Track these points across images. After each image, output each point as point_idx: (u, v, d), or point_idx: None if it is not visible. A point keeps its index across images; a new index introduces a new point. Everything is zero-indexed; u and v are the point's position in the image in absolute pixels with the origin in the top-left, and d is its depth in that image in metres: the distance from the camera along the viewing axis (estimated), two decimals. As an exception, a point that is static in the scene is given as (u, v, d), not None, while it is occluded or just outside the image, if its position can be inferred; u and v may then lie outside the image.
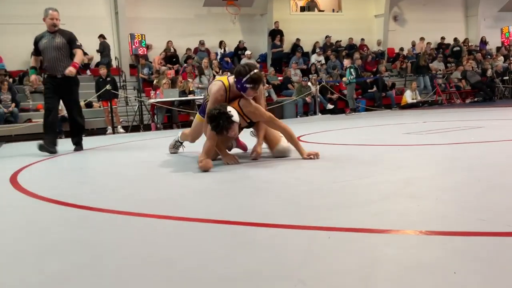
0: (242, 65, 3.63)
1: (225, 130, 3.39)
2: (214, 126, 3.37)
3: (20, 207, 2.56)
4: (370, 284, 1.19)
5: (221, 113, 3.34)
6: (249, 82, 3.49)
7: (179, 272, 1.38)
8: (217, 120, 3.34)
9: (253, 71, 3.49)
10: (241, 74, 3.51)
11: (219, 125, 3.34)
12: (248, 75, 3.48)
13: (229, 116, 3.37)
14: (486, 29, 18.46)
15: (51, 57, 5.61)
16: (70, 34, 5.85)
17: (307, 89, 12.15)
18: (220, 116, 3.34)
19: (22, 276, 1.44)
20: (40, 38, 5.74)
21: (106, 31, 12.99)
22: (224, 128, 3.37)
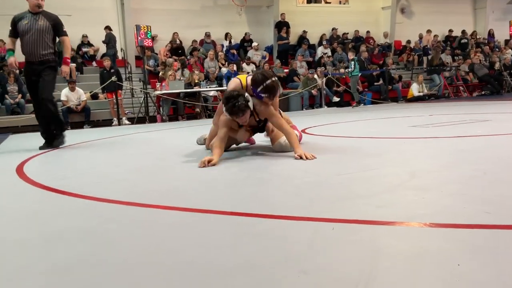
0: (258, 73, 3.56)
1: (240, 112, 3.35)
2: (230, 106, 3.34)
3: (26, 197, 2.58)
4: (373, 276, 1.19)
5: (240, 95, 3.35)
6: (263, 92, 3.46)
7: (183, 262, 1.38)
8: (235, 100, 3.32)
9: (268, 80, 3.44)
10: (256, 83, 3.47)
11: (235, 106, 3.32)
12: (262, 85, 3.44)
13: (247, 99, 3.36)
14: (494, 21, 18.29)
15: (30, 40, 5.04)
16: (56, 18, 5.26)
17: (313, 82, 12.11)
18: (238, 97, 3.33)
19: (28, 264, 1.45)
20: (19, 19, 5.08)
21: (112, 22, 12.98)
22: (239, 109, 3.33)
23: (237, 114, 3.37)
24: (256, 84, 3.47)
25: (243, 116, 3.41)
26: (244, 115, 3.41)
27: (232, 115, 3.39)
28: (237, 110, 3.34)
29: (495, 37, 17.97)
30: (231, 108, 3.34)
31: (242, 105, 3.34)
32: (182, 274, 1.29)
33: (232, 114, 3.38)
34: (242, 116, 3.40)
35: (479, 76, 14.18)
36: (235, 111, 3.35)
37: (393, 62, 14.51)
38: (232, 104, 3.33)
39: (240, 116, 3.40)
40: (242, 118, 3.44)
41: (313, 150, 3.71)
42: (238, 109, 3.34)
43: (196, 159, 3.58)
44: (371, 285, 1.14)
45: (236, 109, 3.34)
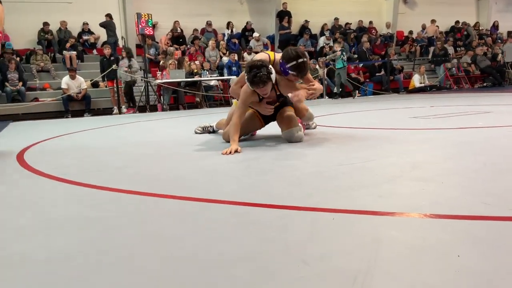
0: (292, 49, 3.51)
1: (261, 83, 3.33)
2: (252, 76, 3.32)
3: (26, 185, 2.58)
4: (373, 266, 1.19)
5: (263, 66, 3.34)
6: (293, 69, 3.43)
7: (183, 250, 1.39)
8: (258, 70, 3.30)
9: (301, 59, 3.41)
10: (289, 59, 3.43)
11: (256, 76, 3.30)
12: (294, 61, 3.40)
13: (270, 71, 3.35)
14: (497, 13, 18.18)
15: None
16: None
17: (314, 72, 12.06)
18: (261, 67, 3.32)
19: (27, 252, 1.45)
20: None
21: (113, 10, 12.91)
22: (261, 80, 3.31)
23: (258, 84, 3.35)
24: (288, 59, 3.42)
25: (264, 88, 3.39)
26: (265, 86, 3.38)
27: (253, 84, 3.38)
28: (259, 81, 3.32)
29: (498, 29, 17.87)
30: (253, 77, 3.33)
31: (264, 76, 3.31)
32: (182, 263, 1.30)
33: (253, 84, 3.37)
34: (263, 87, 3.38)
35: (481, 68, 14.13)
36: (256, 81, 3.34)
37: (395, 53, 14.44)
38: (254, 74, 3.31)
39: (261, 87, 3.38)
40: (263, 90, 3.41)
41: (314, 140, 3.71)
42: (259, 80, 3.32)
43: (196, 148, 3.58)
44: (371, 275, 1.14)
45: (258, 79, 3.32)
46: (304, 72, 3.48)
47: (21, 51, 11.89)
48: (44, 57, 11.52)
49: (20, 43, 12.08)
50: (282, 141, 3.65)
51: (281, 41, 14.45)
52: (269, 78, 3.35)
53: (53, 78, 11.33)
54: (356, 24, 15.83)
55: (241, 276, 1.19)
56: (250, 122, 3.79)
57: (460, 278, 1.10)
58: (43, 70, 11.44)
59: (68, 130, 5.94)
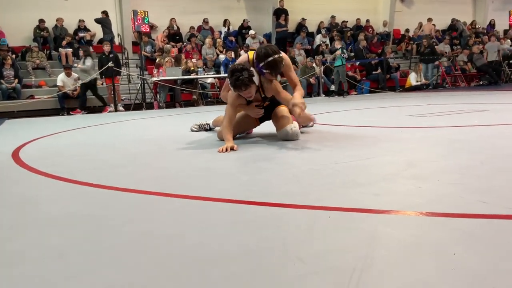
0: (262, 48, 3.52)
1: (243, 86, 3.34)
2: (234, 80, 3.34)
3: (22, 182, 2.57)
4: (369, 264, 1.19)
5: (244, 69, 3.35)
6: (265, 68, 3.44)
7: (180, 248, 1.38)
8: (239, 73, 3.32)
9: (271, 57, 3.40)
10: (259, 58, 3.45)
11: (238, 79, 3.32)
12: (264, 61, 3.41)
13: (251, 74, 3.35)
14: (494, 11, 18.22)
15: None
16: None
17: (311, 70, 12.06)
18: (243, 71, 3.33)
19: (22, 250, 1.45)
20: None
21: (109, 7, 12.87)
22: (243, 83, 3.32)
23: (240, 87, 3.36)
24: (260, 58, 3.44)
25: (247, 91, 3.40)
26: (248, 89, 3.39)
27: (235, 88, 3.39)
28: (240, 84, 3.34)
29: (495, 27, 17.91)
30: (235, 81, 3.34)
31: (246, 79, 3.32)
32: (179, 260, 1.29)
33: (236, 87, 3.38)
34: (245, 90, 3.39)
35: (478, 66, 14.16)
36: (238, 85, 3.35)
37: (391, 51, 14.45)
38: (235, 78, 3.33)
39: (244, 90, 3.39)
40: (246, 93, 3.42)
41: (311, 138, 3.70)
42: (241, 83, 3.33)
43: (193, 146, 3.57)
44: (367, 272, 1.14)
45: (240, 83, 3.33)
46: (277, 69, 3.46)
47: (17, 48, 11.84)
48: (39, 54, 11.48)
49: (15, 40, 12.03)
50: (278, 139, 3.65)
51: (278, 39, 14.44)
52: (251, 81, 3.36)
53: (49, 76, 11.29)
54: (353, 22, 15.84)
55: (237, 274, 1.18)
56: (245, 121, 3.79)
57: (456, 276, 1.10)
58: (39, 67, 11.40)
59: (63, 127, 5.92)
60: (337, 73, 11.67)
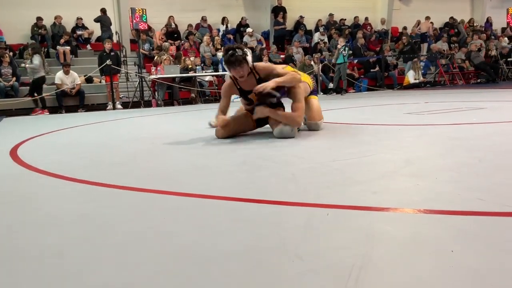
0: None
1: (236, 62, 3.44)
2: (227, 56, 3.45)
3: (19, 180, 2.57)
4: (367, 261, 1.19)
5: (239, 48, 3.48)
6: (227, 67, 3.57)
7: (178, 247, 1.38)
8: (233, 51, 3.44)
9: (226, 54, 3.52)
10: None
11: (232, 56, 3.42)
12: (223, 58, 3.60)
13: (245, 53, 3.45)
14: (492, 9, 18.22)
15: None
16: None
17: (309, 68, 12.05)
18: (237, 48, 3.45)
19: (21, 248, 1.45)
20: None
21: (107, 4, 12.83)
22: (236, 59, 3.42)
23: (233, 64, 3.46)
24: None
25: (240, 69, 3.47)
26: (240, 67, 3.47)
27: (228, 64, 3.49)
28: (234, 60, 3.43)
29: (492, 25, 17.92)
30: (229, 57, 3.45)
31: (240, 57, 3.42)
32: (177, 258, 1.29)
33: (229, 63, 3.48)
34: (238, 67, 3.47)
35: (475, 64, 14.16)
36: (231, 61, 3.45)
37: (390, 49, 14.44)
38: (229, 54, 3.44)
39: (236, 68, 3.47)
40: (239, 71, 3.49)
41: (308, 136, 3.71)
42: (234, 59, 3.42)
43: (191, 144, 3.57)
44: (366, 270, 1.14)
45: (233, 59, 3.43)
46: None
47: (15, 46, 11.80)
48: (37, 52, 11.43)
49: (13, 38, 11.98)
50: (276, 138, 3.65)
51: (276, 36, 14.42)
52: (245, 59, 3.46)
53: (47, 73, 11.25)
54: (351, 20, 15.82)
55: (236, 271, 1.19)
56: (243, 120, 3.82)
57: (453, 274, 1.11)
58: (37, 65, 11.35)
59: (62, 125, 5.91)
60: (338, 71, 11.64)
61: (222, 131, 3.72)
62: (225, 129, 3.70)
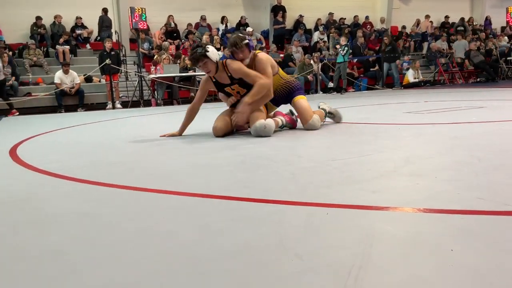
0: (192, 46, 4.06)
1: (195, 60, 3.74)
2: (190, 54, 3.78)
3: (19, 180, 2.57)
4: (367, 260, 1.19)
5: (200, 46, 3.73)
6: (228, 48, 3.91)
7: (178, 245, 1.38)
8: (195, 49, 3.73)
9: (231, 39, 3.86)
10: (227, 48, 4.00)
11: (192, 54, 3.72)
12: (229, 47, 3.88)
13: (206, 49, 3.70)
14: (491, 8, 18.21)
15: None
16: None
17: (309, 67, 12.05)
18: (198, 47, 3.73)
19: (21, 247, 1.45)
20: None
21: (106, 4, 12.82)
22: (195, 57, 3.71)
23: (194, 62, 3.79)
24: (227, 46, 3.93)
25: (204, 65, 3.74)
26: (203, 64, 3.73)
27: (192, 63, 3.91)
28: (193, 58, 3.75)
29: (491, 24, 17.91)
30: (190, 56, 3.80)
31: (198, 54, 3.69)
32: (177, 257, 1.30)
33: (192, 62, 3.87)
34: (201, 64, 3.74)
35: (475, 63, 14.16)
36: (191, 59, 3.80)
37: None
38: (191, 53, 3.77)
39: (199, 64, 3.76)
40: (204, 67, 3.76)
41: (308, 136, 3.71)
42: (193, 57, 3.74)
43: (190, 144, 3.57)
44: (365, 269, 1.14)
45: (192, 57, 3.75)
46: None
47: (14, 45, 11.79)
48: (37, 52, 11.44)
49: (12, 37, 11.97)
50: (275, 137, 3.65)
51: (276, 36, 14.41)
52: (204, 55, 3.69)
53: (46, 73, 11.25)
54: (350, 19, 15.82)
55: (235, 270, 1.19)
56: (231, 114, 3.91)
57: (453, 273, 1.11)
58: (36, 64, 11.36)
59: (61, 125, 5.91)
60: (338, 69, 11.61)
61: (217, 129, 3.83)
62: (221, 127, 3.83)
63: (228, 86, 3.90)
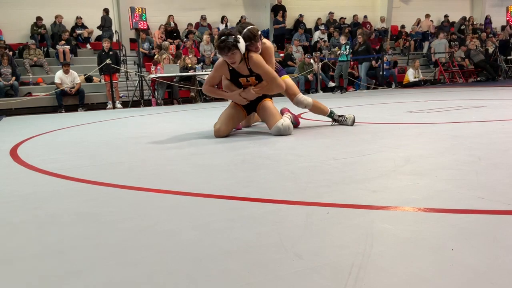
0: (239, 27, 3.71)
1: (226, 48, 3.46)
2: (219, 42, 3.46)
3: (20, 180, 2.57)
4: (367, 260, 1.19)
5: (231, 34, 3.46)
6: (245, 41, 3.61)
7: (177, 245, 1.38)
8: (225, 37, 3.44)
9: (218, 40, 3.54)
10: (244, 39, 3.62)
11: (223, 42, 3.43)
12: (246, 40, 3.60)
13: (237, 39, 3.45)
14: (491, 7, 18.22)
15: None
16: None
17: (309, 67, 12.05)
18: (229, 35, 3.45)
19: (21, 247, 1.45)
20: None
21: (107, 3, 12.83)
22: (226, 45, 3.44)
23: (223, 50, 3.47)
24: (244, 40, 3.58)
25: (232, 55, 3.51)
26: (231, 54, 3.49)
27: (220, 50, 3.50)
28: (224, 46, 3.44)
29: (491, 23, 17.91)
30: (220, 43, 3.46)
31: (230, 43, 3.43)
32: (177, 257, 1.29)
33: (220, 49, 3.49)
34: (229, 53, 3.49)
35: (475, 62, 14.16)
36: (222, 47, 3.46)
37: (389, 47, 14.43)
38: (220, 40, 3.45)
39: (227, 54, 3.50)
40: (231, 57, 3.53)
41: (308, 135, 3.71)
42: (225, 45, 3.44)
43: (190, 143, 3.57)
44: (365, 268, 1.14)
45: (223, 45, 3.44)
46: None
47: (14, 46, 11.81)
48: (37, 52, 11.45)
49: (13, 38, 11.99)
50: (275, 136, 3.65)
51: (276, 35, 14.41)
52: (235, 46, 3.45)
53: (47, 73, 11.26)
54: (350, 18, 15.82)
55: (235, 269, 1.19)
56: (234, 113, 3.85)
57: (453, 272, 1.11)
58: (36, 64, 11.37)
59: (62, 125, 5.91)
60: (339, 67, 11.52)
61: (221, 131, 3.77)
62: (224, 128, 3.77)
63: (244, 77, 3.79)
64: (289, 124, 3.67)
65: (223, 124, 3.79)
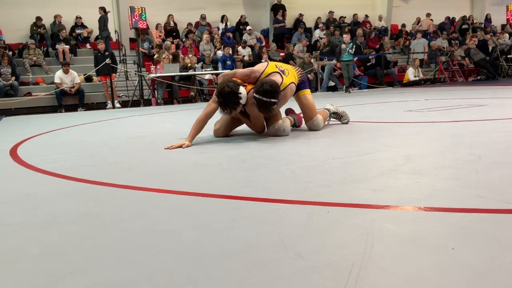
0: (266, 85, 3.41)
1: (229, 109, 3.44)
2: (221, 103, 3.44)
3: (20, 180, 2.57)
4: (367, 259, 1.19)
5: (232, 93, 3.38)
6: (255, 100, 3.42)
7: (178, 245, 1.38)
8: (226, 98, 3.39)
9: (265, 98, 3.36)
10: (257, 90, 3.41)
11: (228, 100, 3.39)
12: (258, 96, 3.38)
13: (239, 98, 3.40)
14: (491, 6, 18.20)
15: None
16: None
17: (309, 66, 12.04)
18: (230, 95, 3.38)
19: (21, 247, 1.44)
20: None
21: (106, 3, 12.81)
22: (228, 107, 3.43)
23: (232, 109, 3.45)
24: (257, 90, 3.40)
25: (234, 111, 3.50)
26: (234, 111, 3.49)
27: (222, 108, 3.47)
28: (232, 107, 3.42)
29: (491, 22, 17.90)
30: (221, 105, 3.44)
31: (232, 104, 3.41)
32: (177, 256, 1.29)
33: (227, 107, 3.45)
34: (232, 113, 3.50)
35: (475, 61, 14.14)
36: (224, 109, 3.46)
37: (390, 46, 14.42)
38: (223, 101, 3.41)
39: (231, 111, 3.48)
40: (233, 113, 3.53)
41: (308, 134, 3.71)
42: (231, 107, 3.42)
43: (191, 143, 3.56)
44: (366, 268, 1.14)
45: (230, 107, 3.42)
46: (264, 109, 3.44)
47: (14, 45, 11.80)
48: (36, 51, 11.44)
49: (12, 37, 11.98)
50: (275, 136, 3.64)
51: (276, 34, 14.40)
52: (237, 104, 3.42)
53: (46, 73, 11.26)
54: (350, 17, 15.80)
55: (236, 270, 1.18)
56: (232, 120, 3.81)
57: (454, 271, 1.11)
58: (36, 64, 11.36)
59: (61, 125, 5.91)
60: (346, 68, 11.38)
61: (220, 131, 3.78)
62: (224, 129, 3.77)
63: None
64: (285, 126, 3.63)
65: (223, 124, 3.79)
